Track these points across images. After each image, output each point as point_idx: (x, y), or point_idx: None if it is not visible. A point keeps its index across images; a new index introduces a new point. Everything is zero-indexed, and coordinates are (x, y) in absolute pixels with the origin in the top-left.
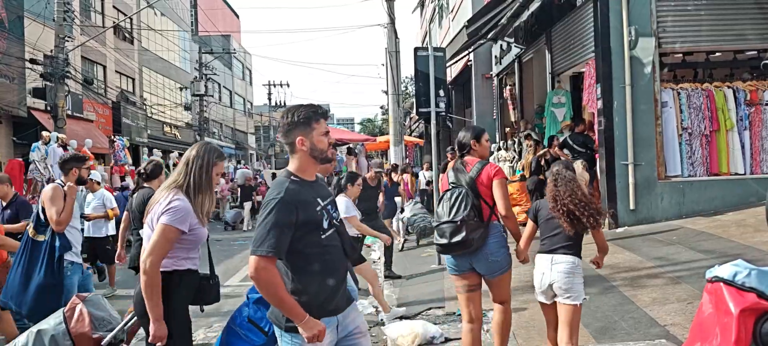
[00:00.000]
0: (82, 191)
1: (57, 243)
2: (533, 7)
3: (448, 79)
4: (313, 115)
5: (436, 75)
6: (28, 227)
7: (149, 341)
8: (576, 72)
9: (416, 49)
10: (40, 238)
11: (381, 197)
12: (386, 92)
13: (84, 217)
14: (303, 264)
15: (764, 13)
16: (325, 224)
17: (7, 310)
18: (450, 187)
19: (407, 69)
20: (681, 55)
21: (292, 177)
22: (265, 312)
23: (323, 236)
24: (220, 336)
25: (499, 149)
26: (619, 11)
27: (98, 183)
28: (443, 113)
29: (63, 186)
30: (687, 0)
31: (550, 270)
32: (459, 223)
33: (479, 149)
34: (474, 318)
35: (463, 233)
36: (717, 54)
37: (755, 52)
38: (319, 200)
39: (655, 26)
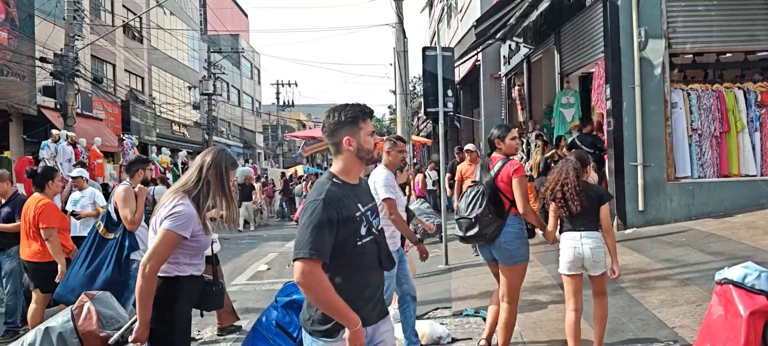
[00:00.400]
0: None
1: (126, 242)
2: (542, 7)
3: (457, 79)
4: (360, 114)
5: (445, 75)
6: (98, 225)
7: (130, 339)
8: (585, 72)
9: (424, 49)
10: (110, 236)
11: (407, 192)
12: (394, 92)
13: (74, 215)
14: (334, 270)
15: None
16: (363, 231)
17: (60, 304)
18: (471, 184)
19: (415, 69)
20: (691, 55)
21: (334, 179)
22: (294, 317)
23: (359, 243)
24: (246, 338)
25: (488, 154)
26: (629, 11)
27: (86, 180)
28: (451, 113)
29: (133, 187)
30: (697, 0)
31: (580, 246)
32: (473, 219)
33: (504, 147)
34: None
35: (476, 229)
36: (728, 55)
37: (767, 52)
38: (359, 205)
39: (666, 26)
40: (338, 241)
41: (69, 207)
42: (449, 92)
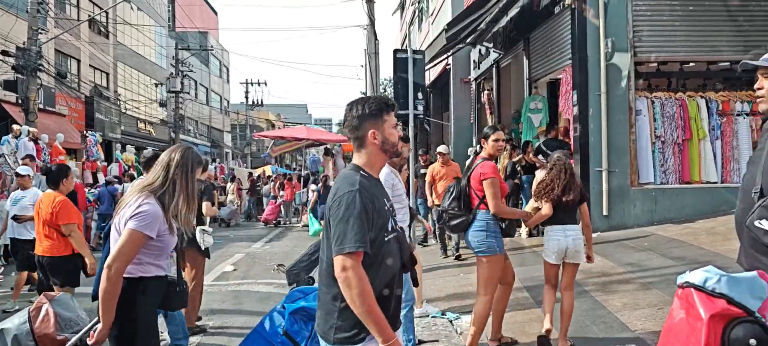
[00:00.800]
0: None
1: None
2: (512, 13)
3: (427, 82)
4: (384, 106)
5: (415, 78)
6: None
7: (90, 343)
8: (553, 78)
9: (395, 52)
10: None
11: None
12: (365, 93)
13: (15, 218)
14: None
15: (737, 26)
16: (390, 226)
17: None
18: (455, 179)
19: (386, 71)
20: (656, 64)
21: (361, 172)
22: (303, 326)
23: (386, 239)
24: (245, 341)
25: (476, 153)
26: (597, 20)
27: (30, 178)
28: (421, 116)
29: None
30: (662, 11)
31: (564, 237)
32: (442, 211)
33: (488, 148)
34: (501, 282)
35: (444, 219)
36: (691, 64)
37: (728, 63)
38: (385, 199)
39: (631, 36)
40: (370, 236)
41: (8, 206)
42: (419, 95)
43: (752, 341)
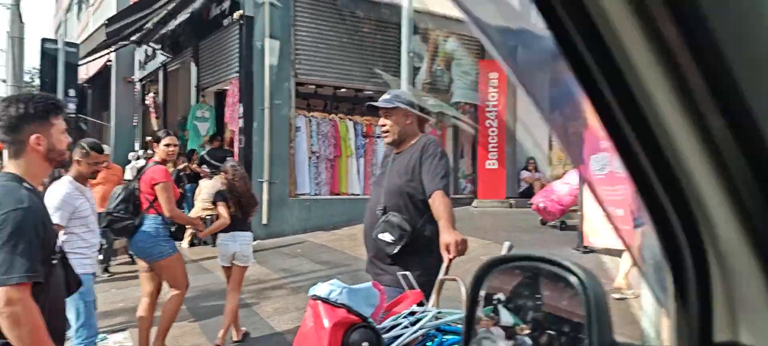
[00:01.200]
0: None
1: None
2: (181, 18)
3: (85, 77)
4: (53, 108)
5: (67, 72)
6: None
7: None
8: (221, 89)
9: (44, 41)
10: None
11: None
12: (5, 82)
13: None
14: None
15: (377, 62)
16: (57, 248)
17: None
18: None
19: (33, 60)
20: (314, 87)
21: (24, 184)
22: None
23: (54, 262)
24: None
25: (138, 158)
26: (262, 39)
27: None
28: (74, 115)
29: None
30: (319, 40)
31: (233, 242)
32: (107, 213)
33: (159, 152)
34: (146, 293)
35: (109, 222)
36: (343, 90)
37: (371, 92)
38: (49, 217)
39: (293, 58)
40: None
41: None
42: (72, 92)
43: (365, 344)
